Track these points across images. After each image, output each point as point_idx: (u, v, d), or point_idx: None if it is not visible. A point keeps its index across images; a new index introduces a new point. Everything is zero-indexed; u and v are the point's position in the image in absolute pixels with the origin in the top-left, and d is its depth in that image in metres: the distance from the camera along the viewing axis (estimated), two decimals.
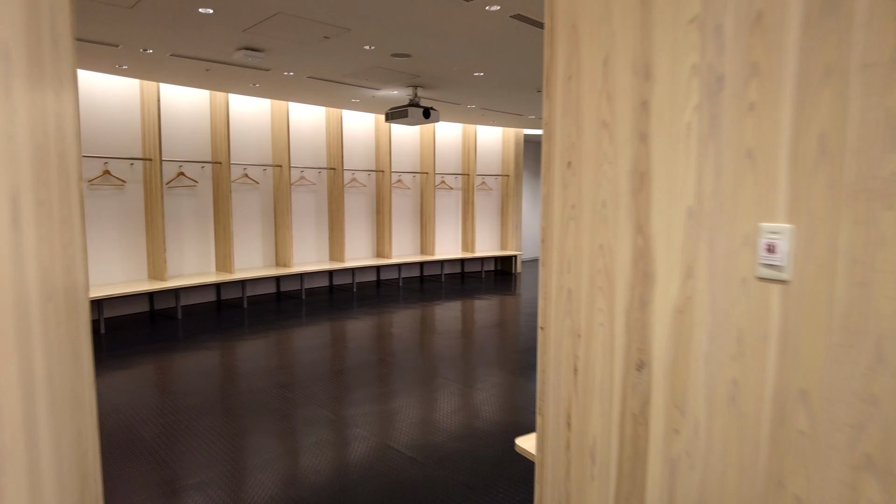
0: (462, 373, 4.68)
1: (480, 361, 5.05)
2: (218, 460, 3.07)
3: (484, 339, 5.87)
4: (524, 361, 5.00)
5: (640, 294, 1.42)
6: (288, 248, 7.74)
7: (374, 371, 4.65)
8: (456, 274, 10.12)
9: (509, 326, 6.39)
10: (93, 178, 6.11)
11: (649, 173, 1.38)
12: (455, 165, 9.98)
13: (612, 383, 1.52)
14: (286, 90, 6.64)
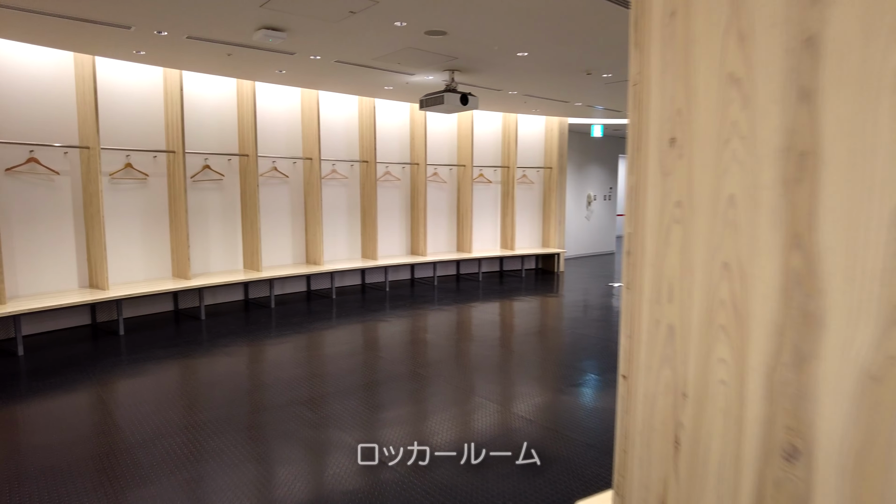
0: (501, 391, 4.19)
1: (521, 376, 4.55)
2: (218, 494, 2.67)
3: (524, 348, 5.35)
4: (569, 378, 4.47)
5: (795, 343, 0.90)
6: (318, 246, 7.37)
7: (404, 386, 4.20)
8: (494, 272, 9.61)
9: (552, 334, 5.85)
10: (114, 171, 5.84)
11: (817, 153, 0.85)
12: (494, 157, 9.45)
13: (737, 473, 1.00)
14: (314, 77, 6.24)
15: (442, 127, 8.80)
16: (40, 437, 3.28)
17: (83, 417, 3.57)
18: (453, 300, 7.45)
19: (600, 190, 12.32)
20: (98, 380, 4.31)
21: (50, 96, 5.35)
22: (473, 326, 6.28)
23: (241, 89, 6.67)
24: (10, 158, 5.16)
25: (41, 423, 3.53)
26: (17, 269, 5.26)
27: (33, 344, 5.12)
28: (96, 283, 5.63)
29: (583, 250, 11.87)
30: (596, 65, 5.59)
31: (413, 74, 6.03)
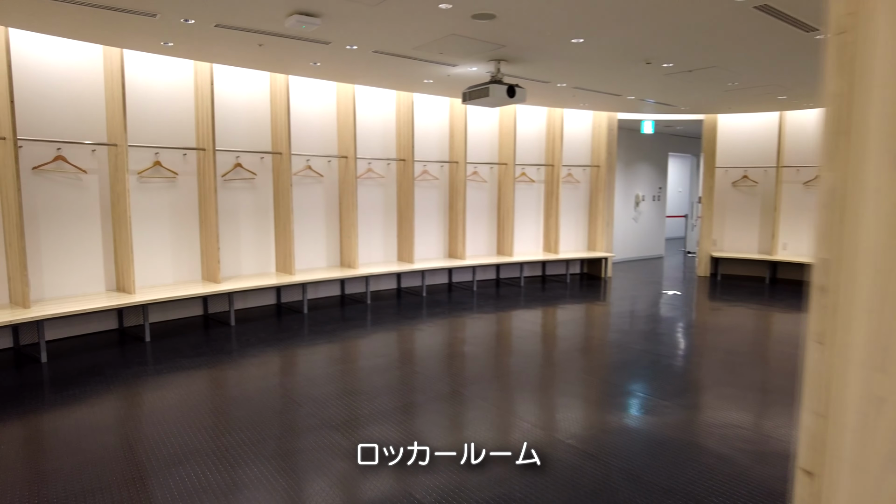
0: (547, 420, 3.72)
1: (567, 402, 4.07)
2: None
3: (570, 364, 4.86)
4: (622, 405, 3.97)
5: None
6: (353, 248, 7.02)
7: (442, 409, 3.78)
8: (536, 277, 9.11)
9: (600, 349, 5.34)
10: (142, 169, 5.59)
11: None
12: (538, 155, 8.95)
13: None
14: (350, 69, 5.88)
15: (483, 123, 8.35)
16: (56, 460, 2.98)
17: (102, 438, 3.27)
18: (493, 307, 7.00)
19: (649, 190, 11.68)
20: (120, 393, 4.03)
21: (78, 93, 5.13)
22: (514, 338, 5.82)
23: (275, 84, 6.37)
24: (38, 156, 4.95)
25: (58, 443, 3.24)
26: (43, 270, 5.06)
27: (57, 350, 4.90)
28: (123, 286, 5.39)
29: (630, 254, 11.26)
30: (658, 53, 5.06)
31: (455, 66, 5.61)
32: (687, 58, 5.23)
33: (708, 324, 6.45)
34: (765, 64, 5.47)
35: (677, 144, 12.36)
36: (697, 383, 4.39)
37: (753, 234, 9.25)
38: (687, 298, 7.84)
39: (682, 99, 7.58)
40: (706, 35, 4.51)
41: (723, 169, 9.35)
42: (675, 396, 4.00)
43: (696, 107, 8.39)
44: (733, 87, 6.61)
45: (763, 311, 7.07)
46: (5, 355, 4.79)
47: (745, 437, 3.30)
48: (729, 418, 3.58)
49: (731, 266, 9.42)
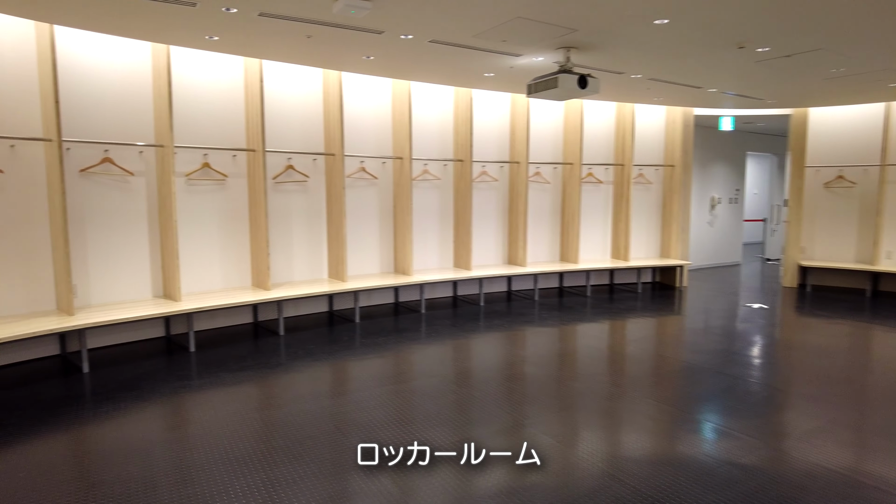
0: (622, 467, 3.16)
1: (648, 443, 3.49)
2: None
3: (646, 394, 4.26)
4: (705, 447, 3.35)
5: None
6: (407, 254, 6.63)
7: (504, 443, 3.29)
8: (603, 286, 8.46)
9: (679, 374, 4.70)
10: (190, 171, 5.37)
11: None
12: (606, 154, 8.31)
13: None
14: (405, 63, 5.48)
15: (546, 121, 7.80)
16: (86, 490, 2.69)
17: (124, 470, 2.97)
18: (557, 319, 6.44)
19: (725, 192, 10.78)
20: (158, 412, 3.76)
21: (126, 93, 4.95)
22: (580, 356, 5.25)
23: (327, 82, 6.06)
24: (85, 158, 4.79)
25: (89, 469, 2.97)
26: (90, 276, 4.90)
27: (100, 358, 4.72)
28: (169, 293, 5.18)
29: (704, 261, 10.40)
30: (754, 35, 4.40)
31: (519, 56, 5.11)
32: (788, 39, 4.53)
33: (805, 344, 5.67)
34: (883, 44, 4.70)
35: (756, 143, 11.37)
36: (805, 417, 3.71)
37: (850, 241, 8.27)
38: (775, 312, 7.03)
39: (771, 90, 6.79)
40: (818, 10, 3.83)
41: (814, 168, 8.41)
42: (774, 435, 3.36)
43: (785, 99, 7.55)
44: (837, 75, 5.81)
45: (866, 328, 6.19)
46: (51, 363, 4.64)
47: (847, 482, 2.65)
48: (842, 463, 2.93)
49: (823, 276, 8.46)
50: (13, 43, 4.38)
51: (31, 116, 4.49)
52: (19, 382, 4.23)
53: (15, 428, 3.41)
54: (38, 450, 3.17)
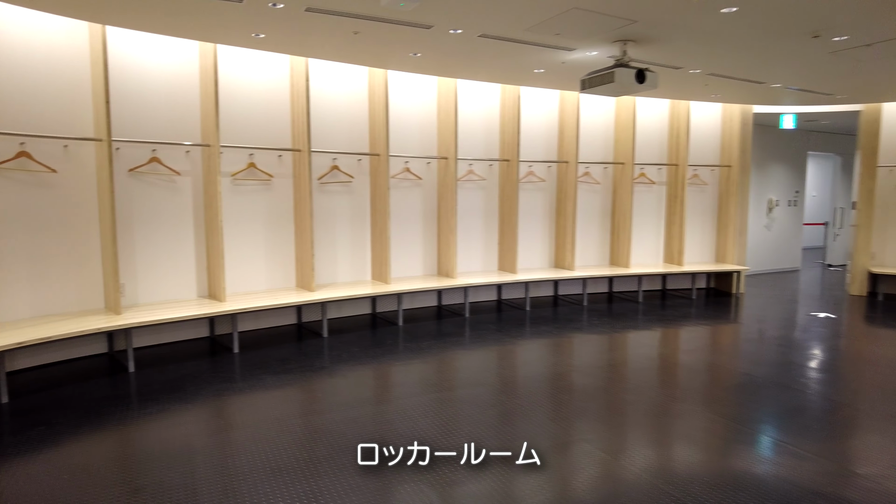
0: (689, 491, 2.90)
1: (712, 463, 3.21)
2: None
3: (705, 407, 3.96)
4: (770, 472, 3.05)
5: None
6: (451, 256, 6.47)
7: (555, 459, 3.08)
8: (654, 292, 8.10)
9: (743, 390, 4.37)
10: (236, 171, 5.35)
11: None
12: (659, 154, 7.96)
13: None
14: (453, 60, 5.33)
15: (596, 119, 7.52)
16: (128, 496, 2.62)
17: (177, 473, 2.90)
18: (608, 326, 6.16)
19: (783, 194, 10.24)
20: (202, 415, 3.70)
21: (174, 92, 4.96)
22: (632, 366, 4.97)
23: (373, 80, 5.96)
24: (133, 158, 4.81)
25: (132, 474, 2.91)
26: (137, 275, 4.92)
27: (146, 358, 4.72)
28: (214, 293, 5.16)
29: (761, 266, 9.89)
30: (833, 22, 4.07)
31: (572, 50, 4.89)
32: (871, 26, 4.17)
33: (881, 357, 5.24)
34: None
35: (819, 142, 10.76)
36: (887, 440, 3.37)
37: None
38: (843, 322, 6.57)
39: (843, 84, 6.34)
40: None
41: (887, 168, 7.86)
42: (853, 460, 3.05)
43: (858, 94, 7.06)
44: None
45: None
46: (99, 361, 4.67)
47: None
48: None
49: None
50: (68, 45, 4.42)
51: (83, 117, 4.53)
52: (69, 380, 4.25)
53: (63, 427, 3.39)
54: (83, 451, 3.14)
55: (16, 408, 3.71)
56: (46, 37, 4.33)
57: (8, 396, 3.81)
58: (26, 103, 4.27)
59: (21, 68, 4.23)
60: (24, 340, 3.78)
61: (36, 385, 4.13)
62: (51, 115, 4.38)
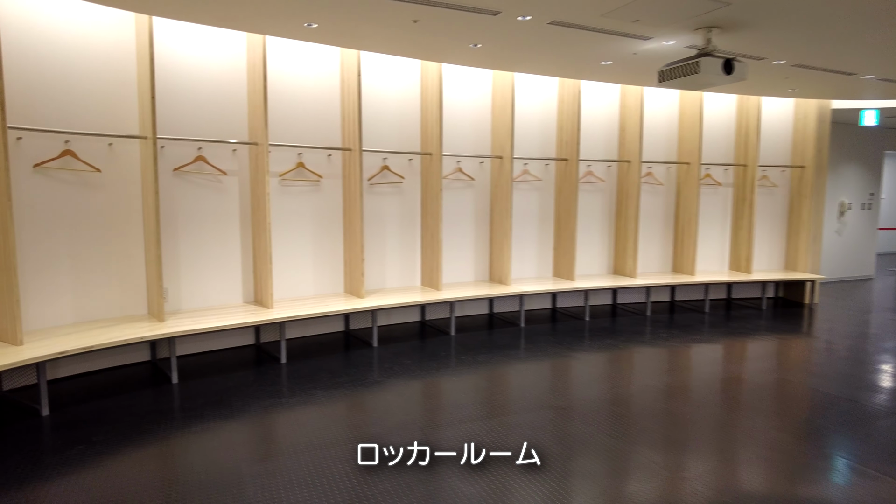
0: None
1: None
2: None
3: (809, 439, 3.48)
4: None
5: None
6: (505, 261, 6.09)
7: (609, 488, 2.67)
8: (719, 301, 7.55)
9: (855, 418, 3.86)
10: (284, 171, 5.09)
11: None
12: (725, 153, 7.42)
13: None
14: (515, 51, 4.95)
15: (659, 115, 7.03)
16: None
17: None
18: (677, 339, 5.68)
19: (857, 196, 9.51)
20: (250, 435, 3.42)
21: (220, 88, 4.72)
22: (717, 386, 4.50)
23: (426, 76, 5.63)
24: (178, 157, 4.59)
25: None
26: (181, 279, 4.70)
27: (190, 367, 4.49)
28: (261, 299, 4.90)
29: (831, 273, 9.19)
30: None
31: (648, 39, 4.46)
32: None
33: None
34: None
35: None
36: None
37: None
38: None
39: None
40: None
41: None
42: None
43: None
44: None
45: None
46: (141, 370, 4.46)
47: None
48: None
49: None
50: (114, 39, 4.21)
51: (128, 114, 4.32)
52: (111, 391, 4.04)
53: (103, 446, 3.15)
54: (123, 475, 2.88)
55: (56, 421, 3.51)
56: (92, 31, 4.13)
57: (49, 408, 3.60)
58: (71, 100, 4.08)
59: (66, 64, 4.03)
60: (64, 350, 3.57)
61: (77, 395, 3.93)
62: (95, 112, 4.18)
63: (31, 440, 3.24)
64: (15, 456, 3.02)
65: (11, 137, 3.81)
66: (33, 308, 3.99)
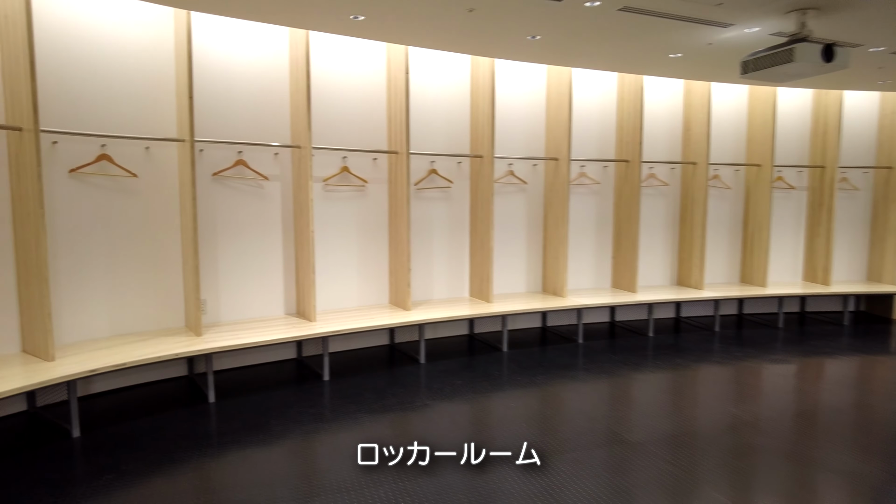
0: None
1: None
2: None
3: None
4: None
5: None
6: (561, 272, 5.65)
7: None
8: (792, 314, 6.91)
9: None
10: (328, 176, 4.80)
11: None
12: (799, 154, 6.80)
13: None
14: (577, 44, 4.54)
15: (726, 113, 6.48)
16: None
17: None
18: (753, 357, 5.14)
19: None
20: (291, 467, 3.11)
21: (261, 89, 4.46)
22: (809, 415, 3.97)
23: (476, 72, 5.27)
24: (218, 161, 4.35)
25: None
26: (219, 289, 4.45)
27: (227, 383, 4.22)
28: (303, 311, 4.62)
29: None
30: None
31: (729, 27, 3.98)
32: None
33: None
34: None
35: None
36: None
37: None
38: None
39: None
40: None
41: None
42: None
43: None
44: None
45: None
46: (177, 386, 4.22)
47: None
48: None
49: None
50: (151, 37, 4.00)
51: (165, 116, 4.09)
52: (145, 410, 3.80)
53: (133, 476, 2.89)
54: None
55: (87, 444, 3.27)
56: (128, 29, 3.92)
57: (80, 429, 3.37)
58: (106, 101, 3.87)
59: (101, 63, 3.83)
60: (96, 368, 3.34)
61: (109, 414, 3.70)
62: (131, 114, 3.97)
63: (60, 468, 3.01)
64: (41, 487, 2.78)
65: (46, 142, 3.62)
66: (66, 319, 3.79)
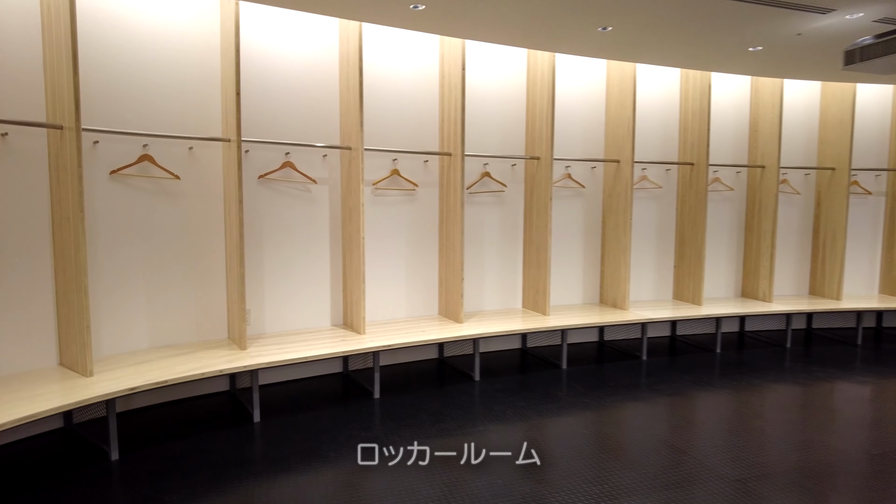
0: None
1: None
2: None
3: None
4: None
5: None
6: (621, 282, 5.27)
7: None
8: (868, 329, 6.38)
9: None
10: (378, 179, 4.50)
11: None
12: (877, 156, 6.29)
13: None
14: (648, 35, 4.17)
15: (794, 113, 6.02)
16: None
17: None
18: (839, 378, 4.68)
19: None
20: (339, 500, 2.80)
21: (308, 85, 4.20)
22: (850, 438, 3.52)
23: (534, 69, 4.93)
24: (265, 162, 4.09)
25: None
26: (264, 299, 4.18)
27: (273, 400, 3.95)
28: (350, 322, 4.33)
29: None
30: None
31: (828, 13, 3.57)
32: None
33: None
34: None
35: None
36: None
37: None
38: None
39: None
40: None
41: None
42: None
43: None
44: None
45: None
46: (220, 402, 3.96)
47: None
48: None
49: None
50: (196, 30, 3.76)
51: (210, 114, 3.85)
52: (186, 429, 3.53)
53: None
54: None
55: (126, 470, 3.01)
56: (173, 21, 3.68)
57: (118, 451, 3.12)
58: (149, 98, 3.64)
59: (145, 58, 3.60)
60: (135, 386, 3.08)
61: (149, 433, 3.44)
62: (174, 112, 3.73)
63: (96, 497, 2.74)
64: None
65: (88, 141, 3.41)
66: (105, 330, 3.56)
